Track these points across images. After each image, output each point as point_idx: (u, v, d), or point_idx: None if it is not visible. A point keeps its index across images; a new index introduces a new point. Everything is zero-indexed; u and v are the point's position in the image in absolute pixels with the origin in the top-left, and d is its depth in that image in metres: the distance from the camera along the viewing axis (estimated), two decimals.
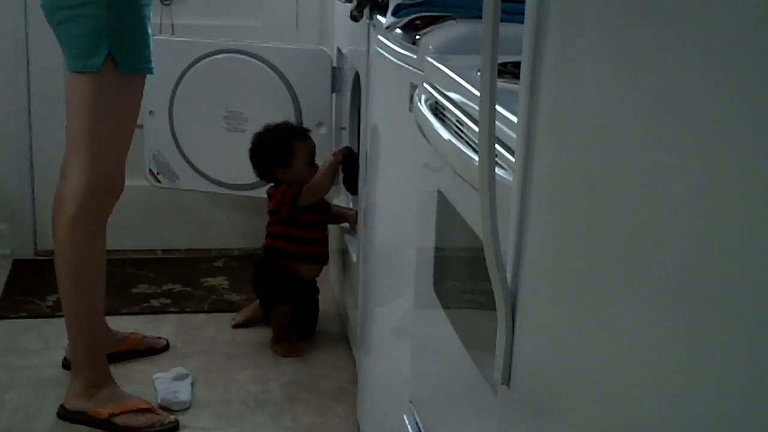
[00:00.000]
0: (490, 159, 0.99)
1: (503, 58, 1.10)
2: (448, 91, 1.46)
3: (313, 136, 2.77)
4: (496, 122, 1.00)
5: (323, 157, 2.76)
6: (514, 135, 1.05)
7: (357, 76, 2.59)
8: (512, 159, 1.07)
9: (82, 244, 2.20)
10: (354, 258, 2.55)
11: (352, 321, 2.58)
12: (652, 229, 0.69)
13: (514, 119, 1.05)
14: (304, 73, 2.93)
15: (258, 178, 2.78)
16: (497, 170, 1.03)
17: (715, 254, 0.60)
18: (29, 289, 3.01)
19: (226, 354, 2.68)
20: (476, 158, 1.20)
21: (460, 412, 1.37)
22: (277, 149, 2.65)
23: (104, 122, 2.14)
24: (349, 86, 2.77)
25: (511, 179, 1.04)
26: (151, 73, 2.21)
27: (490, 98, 0.98)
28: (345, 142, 2.83)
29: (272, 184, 2.72)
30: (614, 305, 0.75)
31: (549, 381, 0.91)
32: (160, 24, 3.12)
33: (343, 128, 2.89)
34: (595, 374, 0.79)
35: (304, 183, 2.64)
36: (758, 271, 0.55)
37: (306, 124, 2.90)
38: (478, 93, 1.29)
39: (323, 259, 2.76)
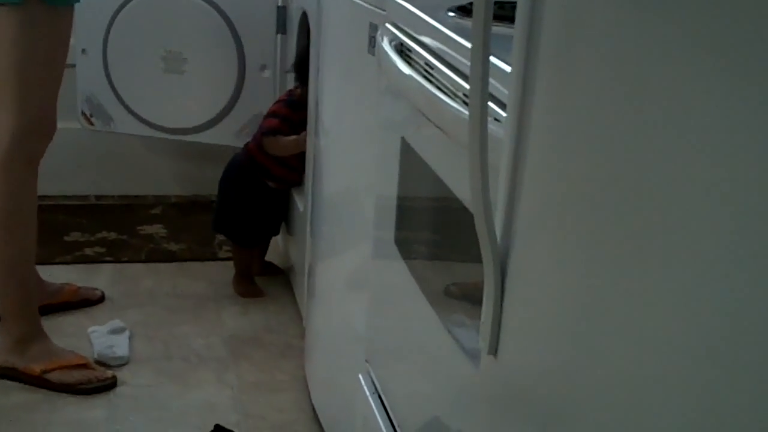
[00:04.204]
0: (483, 113, 0.89)
1: None
2: (416, 32, 1.37)
3: (255, 79, 2.62)
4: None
5: (268, 104, 2.65)
6: (498, 85, 0.97)
7: (304, 16, 2.47)
8: (498, 110, 0.98)
9: (12, 189, 2.08)
10: (301, 208, 2.45)
11: (298, 273, 2.50)
12: (665, 182, 0.61)
13: (506, 68, 0.95)
14: (247, 11, 2.81)
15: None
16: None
17: (735, 208, 0.54)
18: None
19: (166, 306, 2.58)
20: (451, 103, 1.13)
21: (428, 377, 1.29)
22: None
23: (31, 58, 2.02)
24: (295, 27, 2.65)
25: (499, 131, 0.94)
26: (77, 0, 2.07)
27: (483, 45, 0.88)
28: (290, 86, 2.72)
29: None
30: (621, 268, 0.68)
31: (544, 352, 0.82)
32: None
33: (288, 71, 2.77)
34: (598, 346, 0.71)
35: (280, 130, 2.51)
36: None
37: (249, 67, 2.78)
38: (449, 33, 1.23)
39: (295, 184, 2.62)
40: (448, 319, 1.17)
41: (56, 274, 2.58)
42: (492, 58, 0.92)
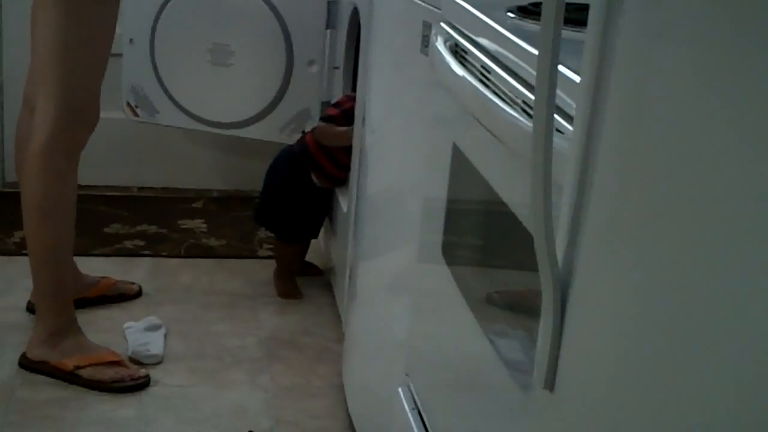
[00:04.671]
0: (549, 127, 0.83)
1: None
2: (473, 33, 1.30)
3: (303, 74, 2.56)
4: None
5: (315, 100, 2.59)
6: (563, 95, 0.89)
7: (355, 11, 2.41)
8: (563, 122, 0.91)
9: (52, 178, 2.05)
10: (344, 208, 2.39)
11: (339, 275, 2.44)
12: (752, 206, 0.56)
13: (575, 78, 0.87)
14: (297, 5, 2.74)
15: None
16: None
17: None
18: None
19: (203, 303, 2.53)
20: (509, 110, 1.06)
21: (471, 397, 1.22)
22: None
23: (75, 46, 1.98)
24: (345, 22, 2.59)
25: (562, 144, 0.87)
26: None
27: (552, 54, 0.81)
28: (338, 83, 2.67)
29: None
30: (698, 297, 0.61)
31: (609, 389, 0.75)
32: None
33: (337, 68, 2.73)
34: (671, 384, 0.64)
35: (336, 119, 2.46)
36: None
37: (297, 62, 2.72)
38: (509, 36, 1.17)
39: (340, 182, 2.56)
40: (491, 329, 1.12)
41: (94, 267, 2.54)
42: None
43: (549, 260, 0.85)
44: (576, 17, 0.96)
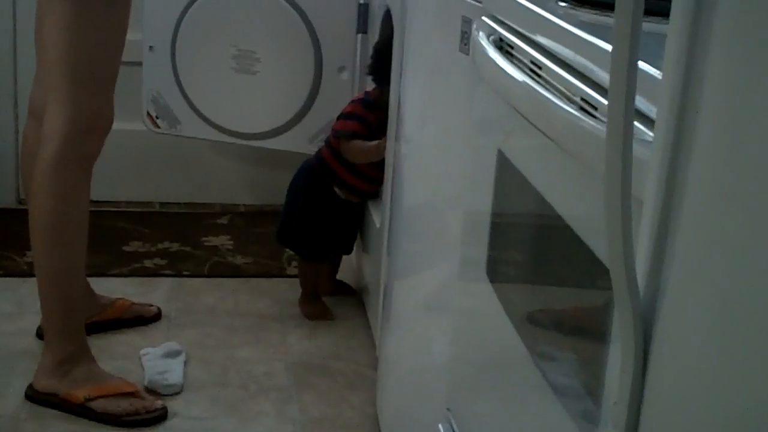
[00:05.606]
0: (628, 130, 0.68)
1: None
2: (521, 26, 1.18)
3: (333, 81, 2.44)
4: None
5: (344, 104, 2.44)
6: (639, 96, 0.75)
7: (387, 14, 2.27)
8: (638, 125, 0.78)
9: (63, 192, 1.91)
10: (377, 223, 2.24)
11: (372, 294, 2.30)
12: None
13: (656, 73, 0.75)
14: (326, 8, 2.63)
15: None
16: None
17: None
18: (8, 242, 2.70)
19: (227, 326, 2.38)
20: (567, 108, 0.93)
21: None
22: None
23: (85, 47, 1.86)
24: (377, 26, 2.46)
25: (644, 151, 0.72)
26: None
27: (631, 45, 0.66)
28: (370, 89, 2.51)
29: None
30: None
31: None
32: None
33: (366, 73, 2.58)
34: None
35: (359, 134, 2.31)
36: None
37: (326, 68, 2.58)
38: (569, 27, 1.04)
39: (370, 196, 2.42)
40: (537, 352, 1.04)
41: (111, 288, 2.41)
42: None
43: (629, 291, 0.69)
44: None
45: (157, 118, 2.77)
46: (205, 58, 2.70)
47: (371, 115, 2.29)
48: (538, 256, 1.12)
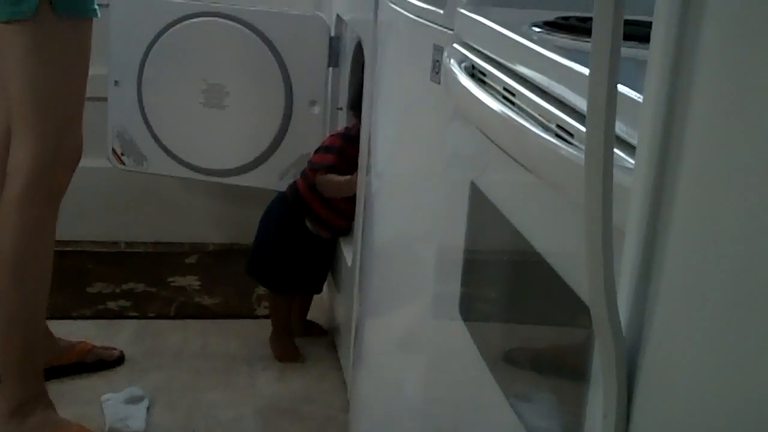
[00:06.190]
0: (608, 156, 0.63)
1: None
2: (494, 52, 1.15)
3: (304, 116, 2.39)
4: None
5: (316, 143, 2.39)
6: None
7: (359, 47, 2.22)
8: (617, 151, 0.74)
9: (29, 229, 1.85)
10: (349, 261, 2.18)
11: (344, 334, 2.24)
12: None
13: (636, 96, 0.72)
14: (296, 42, 2.59)
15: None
16: None
17: None
18: None
19: (193, 369, 2.30)
20: (543, 135, 0.88)
21: None
22: None
23: (47, 77, 1.81)
24: (348, 60, 2.41)
25: (626, 178, 0.68)
26: (96, 16, 1.87)
27: (610, 62, 0.61)
28: (342, 124, 2.48)
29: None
30: None
31: None
32: None
33: (340, 108, 2.56)
34: None
35: (336, 168, 2.26)
36: None
37: (297, 103, 2.52)
38: (538, 49, 1.00)
39: (341, 232, 2.37)
40: (512, 392, 1.01)
41: (72, 331, 2.33)
42: None
43: (611, 328, 0.64)
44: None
45: (122, 155, 2.71)
46: (173, 92, 2.65)
47: (352, 150, 2.23)
48: (513, 293, 1.08)
